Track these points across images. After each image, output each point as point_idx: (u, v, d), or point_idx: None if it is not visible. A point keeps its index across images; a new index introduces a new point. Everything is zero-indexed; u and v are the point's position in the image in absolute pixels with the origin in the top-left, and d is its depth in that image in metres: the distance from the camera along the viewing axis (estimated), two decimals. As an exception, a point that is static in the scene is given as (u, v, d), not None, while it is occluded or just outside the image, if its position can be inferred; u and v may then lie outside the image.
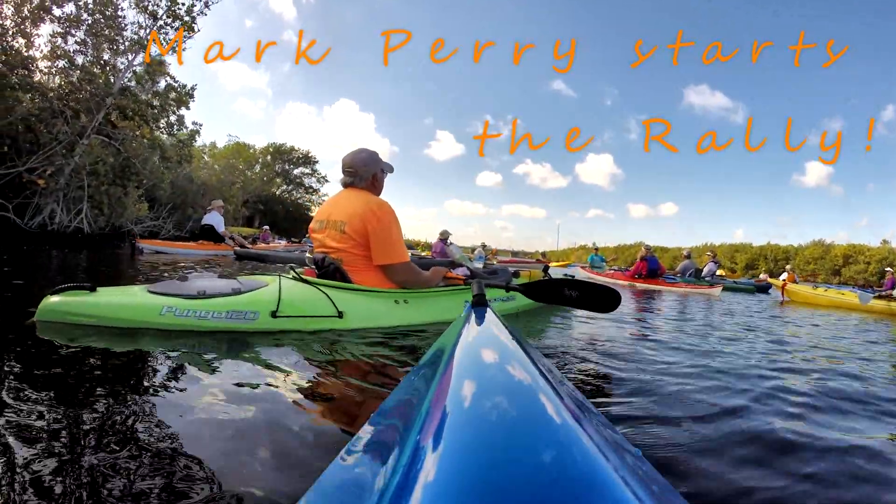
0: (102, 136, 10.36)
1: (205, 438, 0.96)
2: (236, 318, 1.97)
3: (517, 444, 0.31)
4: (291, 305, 2.05)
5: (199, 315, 1.92)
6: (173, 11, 10.32)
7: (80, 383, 1.26)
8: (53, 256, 5.63)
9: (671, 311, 4.60)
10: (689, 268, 9.94)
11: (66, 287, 1.87)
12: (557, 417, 0.37)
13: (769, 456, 1.07)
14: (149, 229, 14.48)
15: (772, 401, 1.52)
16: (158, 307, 1.89)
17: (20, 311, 2.05)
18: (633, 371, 1.80)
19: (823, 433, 1.24)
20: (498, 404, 0.40)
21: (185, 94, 11.43)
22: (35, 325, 1.79)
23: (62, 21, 10.17)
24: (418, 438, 0.35)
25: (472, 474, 0.27)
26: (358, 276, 2.31)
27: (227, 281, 2.19)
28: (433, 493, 0.26)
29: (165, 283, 2.09)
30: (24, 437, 0.90)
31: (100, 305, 1.87)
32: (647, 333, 2.85)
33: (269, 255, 7.09)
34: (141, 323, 1.89)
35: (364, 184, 2.47)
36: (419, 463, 0.29)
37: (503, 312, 2.84)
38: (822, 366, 2.27)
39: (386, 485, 0.30)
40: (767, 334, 3.34)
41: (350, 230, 2.28)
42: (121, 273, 4.28)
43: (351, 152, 2.49)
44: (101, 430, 0.97)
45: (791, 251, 57.42)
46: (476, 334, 0.77)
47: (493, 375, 0.53)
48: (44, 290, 1.88)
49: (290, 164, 38.94)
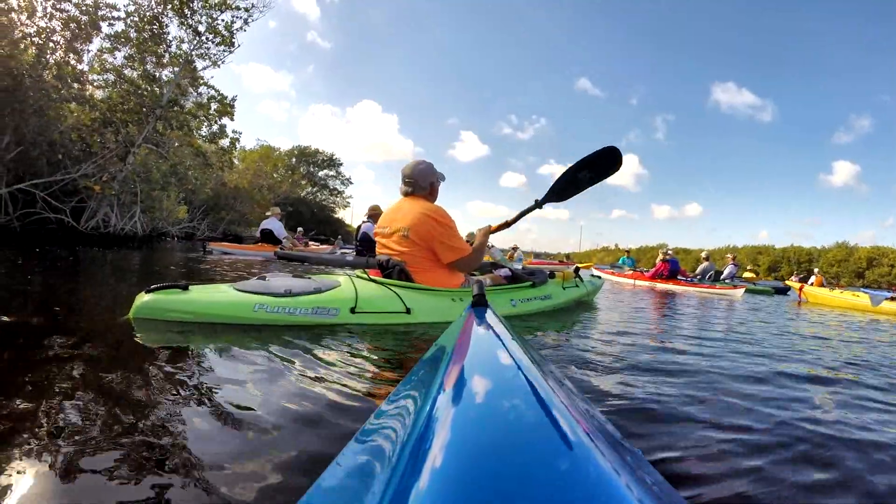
0: (150, 144, 11.04)
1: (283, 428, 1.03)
2: (320, 313, 2.19)
3: (516, 443, 0.32)
4: (367, 302, 2.30)
5: (288, 311, 2.12)
6: (214, 27, 10.94)
7: (184, 372, 1.37)
8: (120, 258, 6.14)
9: (689, 311, 4.58)
10: (709, 270, 10.11)
11: (160, 286, 2.02)
12: (557, 417, 0.37)
13: (770, 456, 1.07)
14: (185, 231, 15.19)
15: (773, 401, 1.50)
16: (251, 304, 2.07)
17: (113, 310, 2.25)
18: (634, 370, 1.80)
19: (825, 434, 1.23)
20: (497, 404, 0.41)
21: (227, 104, 12.11)
22: (130, 322, 1.91)
23: (111, 38, 10.88)
24: (418, 438, 0.35)
25: (471, 474, 0.28)
26: (420, 276, 2.62)
27: (308, 280, 2.41)
28: (433, 493, 0.26)
29: (251, 282, 2.28)
30: (142, 420, 1.01)
31: (196, 302, 2.02)
32: (651, 333, 2.82)
33: (309, 256, 7.62)
34: (235, 318, 2.05)
35: (422, 192, 2.73)
36: (419, 463, 0.29)
37: (540, 310, 3.14)
38: (829, 365, 2.23)
39: (386, 485, 0.30)
40: (779, 334, 3.30)
41: (413, 235, 2.55)
42: (196, 272, 4.75)
43: (410, 164, 2.74)
44: (211, 413, 1.08)
45: (814, 253, 56.17)
46: (476, 334, 0.78)
47: (493, 375, 0.53)
48: (124, 291, 2.06)
49: (314, 166, 39.57)
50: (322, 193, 40.34)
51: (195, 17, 10.79)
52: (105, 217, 10.72)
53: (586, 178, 2.80)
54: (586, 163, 2.81)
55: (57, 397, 1.09)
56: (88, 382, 1.21)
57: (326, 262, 7.27)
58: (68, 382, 1.20)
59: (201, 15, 10.82)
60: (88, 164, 10.32)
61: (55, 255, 5.46)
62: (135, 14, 10.70)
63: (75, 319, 2.09)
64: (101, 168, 10.39)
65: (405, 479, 0.28)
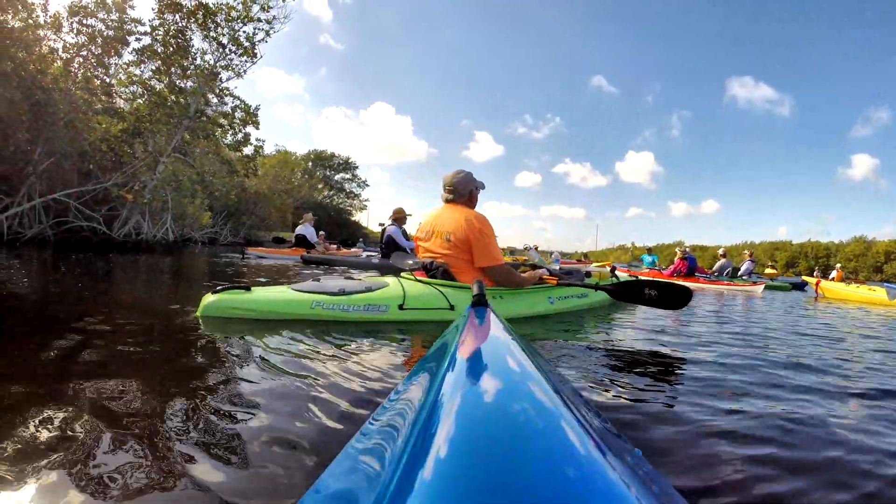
0: (178, 153, 11.42)
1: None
2: (371, 310, 2.35)
3: (516, 443, 0.32)
4: (414, 299, 2.47)
5: (342, 308, 2.30)
6: (237, 40, 11.29)
7: (255, 363, 1.50)
8: (155, 262, 6.42)
9: (704, 307, 4.50)
10: (726, 266, 10.15)
11: (225, 287, 2.23)
12: (556, 416, 0.38)
13: (770, 456, 1.07)
14: (208, 235, 15.59)
15: (775, 402, 1.48)
16: (309, 302, 2.26)
17: (180, 310, 2.43)
18: (634, 370, 1.80)
19: (828, 434, 1.22)
20: (497, 404, 0.41)
21: (252, 113, 12.51)
22: (198, 320, 2.11)
23: (137, 52, 11.27)
24: (418, 438, 0.35)
25: (471, 474, 0.28)
26: (461, 277, 2.80)
27: (359, 281, 2.59)
28: (433, 493, 0.26)
29: (307, 283, 2.46)
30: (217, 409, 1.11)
31: (259, 301, 2.22)
32: (653, 331, 2.81)
33: (333, 259, 7.88)
34: (294, 315, 2.23)
35: (462, 200, 2.91)
36: (418, 463, 0.30)
37: (578, 308, 3.30)
38: (838, 362, 2.19)
39: (386, 485, 0.30)
40: (792, 332, 3.24)
41: (455, 239, 2.71)
42: (239, 274, 5.00)
43: (451, 173, 2.92)
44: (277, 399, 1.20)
45: (832, 248, 55.38)
46: (476, 334, 0.78)
47: (493, 375, 0.54)
48: (181, 292, 2.26)
49: (330, 169, 40.13)
50: (338, 197, 40.82)
51: (218, 29, 11.16)
52: (136, 225, 11.10)
53: (650, 296, 2.86)
54: (657, 285, 2.88)
55: (138, 381, 1.28)
56: (161, 373, 1.39)
57: (352, 264, 7.55)
58: (147, 370, 1.40)
59: (224, 28, 11.18)
60: (118, 173, 10.72)
61: (93, 261, 5.74)
62: (160, 28, 11.09)
63: (148, 318, 2.27)
64: (131, 177, 10.78)
65: (405, 480, 0.28)
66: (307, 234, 9.13)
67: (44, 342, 1.65)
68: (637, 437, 1.13)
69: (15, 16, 9.38)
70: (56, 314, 2.33)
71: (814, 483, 0.96)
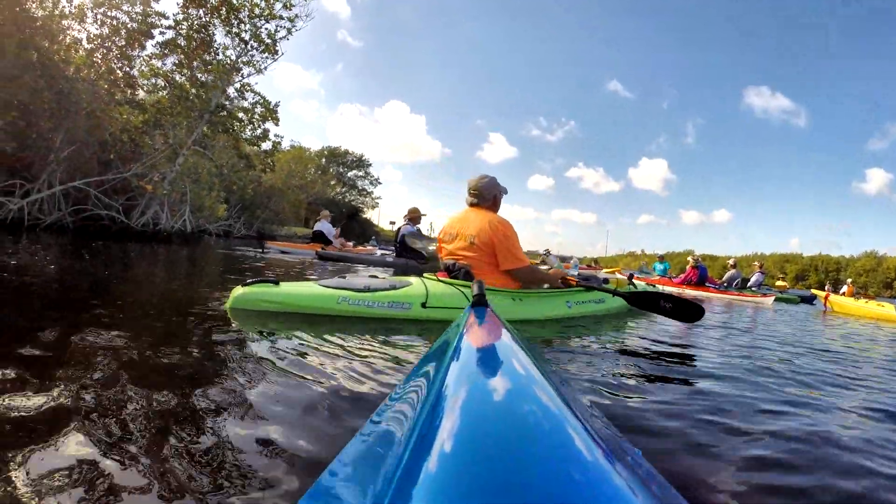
0: (198, 146, 11.61)
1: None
2: (395, 307, 2.41)
3: (516, 443, 0.32)
4: (437, 298, 2.53)
5: (368, 304, 2.36)
6: (258, 36, 11.46)
7: (275, 357, 1.51)
8: (173, 253, 6.59)
9: (713, 317, 4.42)
10: (735, 277, 10.19)
11: (254, 281, 2.28)
12: (557, 417, 0.38)
13: (771, 457, 1.08)
14: (222, 228, 15.80)
15: (776, 403, 1.51)
16: (335, 297, 2.31)
17: (209, 302, 2.46)
18: (634, 370, 1.82)
19: (829, 440, 1.22)
20: (497, 404, 0.42)
21: (272, 109, 12.68)
22: (227, 313, 2.17)
23: (161, 45, 11.47)
24: (418, 438, 0.35)
25: (471, 474, 0.28)
26: (483, 279, 2.90)
27: (383, 280, 2.65)
28: (433, 492, 0.26)
29: (333, 279, 2.53)
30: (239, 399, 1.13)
31: (288, 295, 2.26)
32: (660, 338, 2.82)
33: (349, 256, 8.02)
34: (321, 310, 2.28)
35: (487, 204, 2.98)
36: (418, 463, 0.30)
37: (594, 313, 3.33)
38: (844, 373, 2.22)
39: (386, 485, 0.30)
40: (798, 343, 3.25)
41: (479, 242, 2.78)
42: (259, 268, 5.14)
43: (476, 178, 2.99)
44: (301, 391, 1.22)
45: (843, 262, 54.89)
46: (477, 334, 0.78)
47: (493, 375, 0.53)
48: (209, 283, 2.33)
49: (344, 166, 40.30)
50: (351, 193, 40.90)
51: (241, 25, 11.33)
52: (155, 215, 11.30)
53: (664, 307, 3.04)
54: (673, 299, 3.05)
55: (172, 366, 1.34)
56: (180, 362, 1.41)
57: (366, 262, 7.68)
58: (180, 356, 1.45)
59: (247, 24, 11.36)
60: (138, 164, 10.90)
61: (113, 250, 5.86)
62: (183, 22, 11.28)
63: (179, 308, 2.37)
64: (151, 168, 10.96)
65: (405, 480, 0.29)
66: (325, 230, 9.34)
67: (71, 327, 1.64)
68: (637, 437, 1.13)
69: (39, 5, 9.61)
70: (86, 299, 2.41)
71: (815, 486, 0.96)
